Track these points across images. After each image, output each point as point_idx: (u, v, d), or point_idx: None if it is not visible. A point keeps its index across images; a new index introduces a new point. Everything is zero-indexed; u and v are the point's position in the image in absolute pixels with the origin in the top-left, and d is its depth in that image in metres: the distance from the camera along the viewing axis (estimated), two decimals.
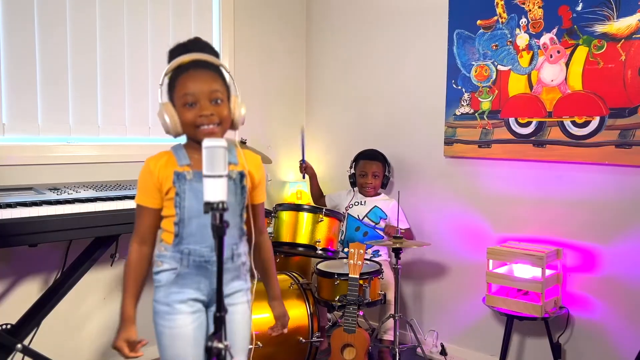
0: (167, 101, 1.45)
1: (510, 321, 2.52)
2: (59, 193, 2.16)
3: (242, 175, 1.49)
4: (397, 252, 2.62)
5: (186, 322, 1.45)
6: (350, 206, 3.07)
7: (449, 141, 2.91)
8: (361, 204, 3.06)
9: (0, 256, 2.32)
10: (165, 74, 1.44)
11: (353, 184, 3.14)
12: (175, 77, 1.43)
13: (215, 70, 1.45)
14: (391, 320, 2.71)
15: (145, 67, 2.80)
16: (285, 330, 1.72)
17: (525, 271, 2.47)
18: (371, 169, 3.05)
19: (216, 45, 2.77)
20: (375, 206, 3.04)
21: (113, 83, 2.67)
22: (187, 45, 1.47)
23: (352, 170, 3.14)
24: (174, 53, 1.46)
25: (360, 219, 3.03)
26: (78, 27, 2.53)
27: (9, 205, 1.89)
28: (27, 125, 2.40)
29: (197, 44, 1.48)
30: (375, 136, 3.25)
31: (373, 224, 3.02)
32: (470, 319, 2.89)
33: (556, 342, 2.52)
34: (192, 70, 1.41)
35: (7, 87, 2.32)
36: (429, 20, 2.99)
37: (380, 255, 3.03)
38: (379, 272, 2.63)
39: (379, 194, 3.12)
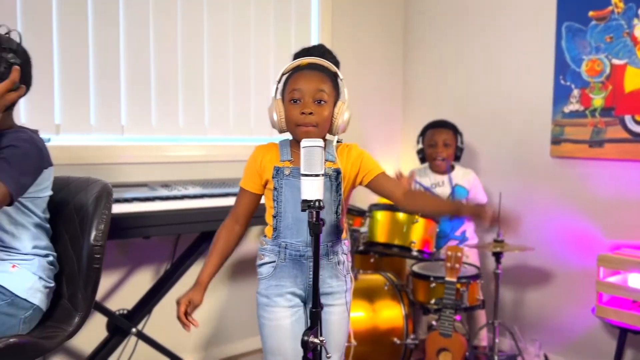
0: (279, 98, 1.52)
1: (624, 335, 2.33)
2: (169, 190, 2.32)
3: (338, 172, 1.51)
4: (497, 256, 2.52)
5: (284, 315, 1.50)
6: (428, 189, 2.86)
7: (556, 140, 2.74)
8: (439, 185, 2.85)
9: (118, 247, 2.53)
10: (283, 73, 1.52)
11: (422, 160, 2.94)
12: (290, 76, 1.51)
13: (328, 74, 1.50)
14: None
15: (248, 71, 2.92)
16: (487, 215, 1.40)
17: None
18: (441, 137, 2.82)
19: None
20: (457, 184, 2.85)
21: (219, 86, 2.82)
22: (309, 50, 1.54)
23: (420, 145, 2.91)
24: (297, 56, 1.54)
25: None
26: (188, 30, 2.69)
27: (127, 200, 2.06)
28: (142, 127, 2.60)
29: (319, 50, 1.56)
30: (475, 135, 3.14)
31: None
32: (578, 330, 2.71)
33: None
34: (306, 70, 1.49)
35: (126, 94, 2.52)
36: (533, 13, 2.84)
37: (467, 239, 2.88)
38: (477, 276, 2.55)
39: (453, 167, 2.90)
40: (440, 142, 2.82)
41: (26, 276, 1.42)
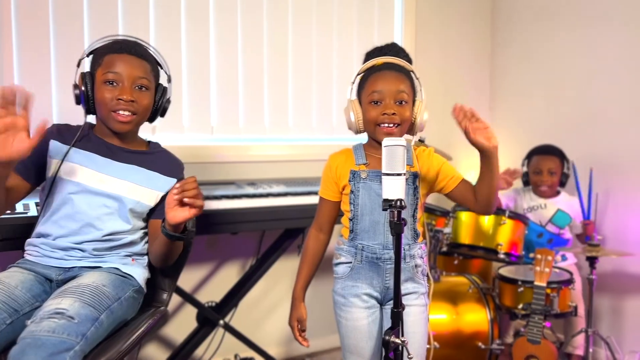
0: (355, 98, 1.53)
1: None
2: (255, 188, 2.40)
3: (415, 175, 1.50)
4: (591, 261, 2.38)
5: (361, 316, 1.52)
6: (529, 210, 2.84)
7: None
8: (541, 208, 2.81)
9: (207, 242, 2.65)
10: (358, 74, 1.53)
11: (526, 183, 2.88)
12: (367, 77, 1.51)
13: (405, 73, 1.50)
14: (582, 335, 2.47)
15: (331, 72, 2.96)
16: None
17: None
18: (546, 165, 2.76)
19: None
20: (559, 209, 2.77)
21: (302, 88, 2.88)
22: (382, 49, 1.55)
23: (525, 168, 2.88)
24: (370, 55, 1.55)
25: (543, 224, 2.78)
26: (273, 33, 2.76)
27: (216, 197, 2.16)
28: (231, 128, 2.71)
29: (392, 48, 1.56)
30: (570, 133, 2.97)
31: (558, 229, 2.77)
32: None
33: None
34: (384, 71, 1.48)
35: (216, 97, 2.64)
36: None
37: (567, 259, 2.77)
38: (569, 281, 2.42)
39: (558, 193, 2.82)
40: (546, 170, 2.77)
41: (142, 270, 1.63)
